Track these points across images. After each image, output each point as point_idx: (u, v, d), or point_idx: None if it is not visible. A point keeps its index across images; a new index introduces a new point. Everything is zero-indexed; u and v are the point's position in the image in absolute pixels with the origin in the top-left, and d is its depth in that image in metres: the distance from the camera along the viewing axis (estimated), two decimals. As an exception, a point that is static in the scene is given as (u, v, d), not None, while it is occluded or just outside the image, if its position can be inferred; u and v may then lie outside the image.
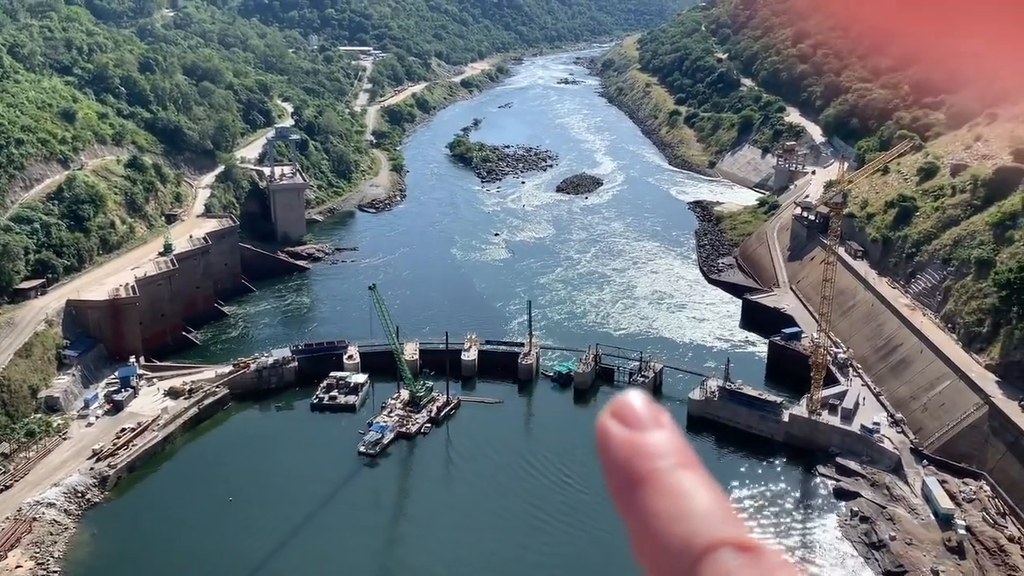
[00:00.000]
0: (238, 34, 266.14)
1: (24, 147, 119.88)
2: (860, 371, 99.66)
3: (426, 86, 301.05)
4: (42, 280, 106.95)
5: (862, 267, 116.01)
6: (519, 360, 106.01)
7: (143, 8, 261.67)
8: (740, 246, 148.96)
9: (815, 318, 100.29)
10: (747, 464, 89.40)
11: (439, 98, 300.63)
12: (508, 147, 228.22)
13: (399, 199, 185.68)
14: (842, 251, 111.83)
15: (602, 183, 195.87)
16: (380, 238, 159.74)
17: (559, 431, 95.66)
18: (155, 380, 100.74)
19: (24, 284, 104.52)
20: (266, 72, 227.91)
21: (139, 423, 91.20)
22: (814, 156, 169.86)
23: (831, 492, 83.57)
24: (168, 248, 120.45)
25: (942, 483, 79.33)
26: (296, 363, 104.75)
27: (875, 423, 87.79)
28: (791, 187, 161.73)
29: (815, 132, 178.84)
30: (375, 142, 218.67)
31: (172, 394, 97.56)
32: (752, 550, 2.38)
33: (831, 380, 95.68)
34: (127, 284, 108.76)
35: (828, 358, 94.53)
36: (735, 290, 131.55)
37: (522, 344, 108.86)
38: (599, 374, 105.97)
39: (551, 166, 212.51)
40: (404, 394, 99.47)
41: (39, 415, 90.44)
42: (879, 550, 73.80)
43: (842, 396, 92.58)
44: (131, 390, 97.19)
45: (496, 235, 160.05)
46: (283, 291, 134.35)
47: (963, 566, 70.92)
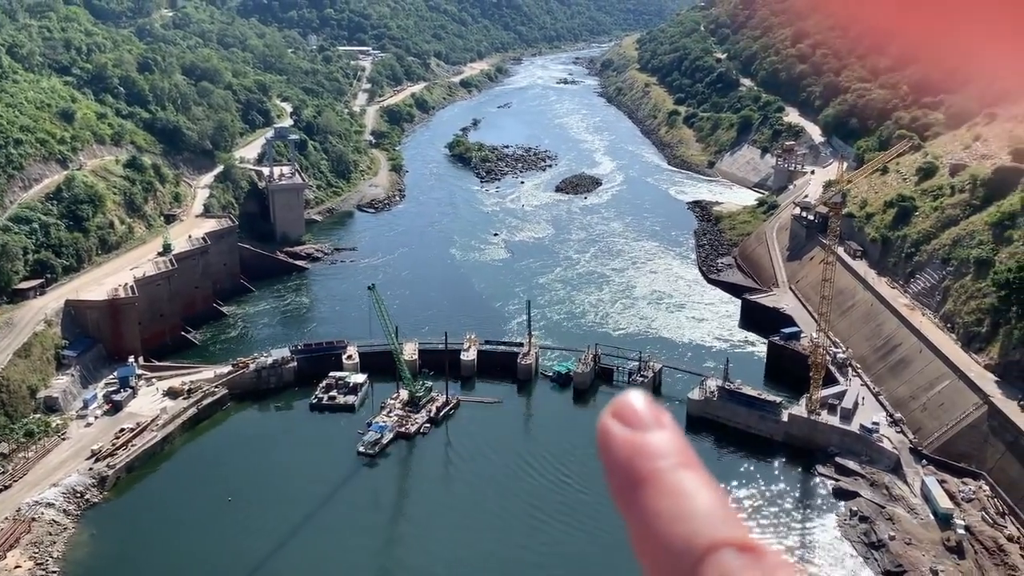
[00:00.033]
0: (237, 34, 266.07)
1: (23, 147, 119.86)
2: (859, 371, 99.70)
3: (425, 86, 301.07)
4: (41, 280, 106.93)
5: (861, 267, 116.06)
6: (518, 360, 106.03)
7: (142, 8, 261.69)
8: (739, 246, 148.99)
9: (814, 318, 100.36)
10: (746, 464, 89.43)
11: (438, 98, 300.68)
12: (507, 147, 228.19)
13: (398, 199, 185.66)
14: (841, 251, 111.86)
15: (601, 183, 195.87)
16: (379, 238, 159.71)
17: (558, 431, 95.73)
18: (154, 380, 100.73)
19: (23, 284, 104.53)
20: (265, 72, 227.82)
21: (138, 423, 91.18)
22: (813, 156, 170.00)
23: (830, 492, 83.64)
24: (167, 248, 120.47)
25: (941, 483, 79.37)
26: (295, 363, 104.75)
27: (874, 423, 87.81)
28: (790, 187, 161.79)
29: (814, 132, 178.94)
30: (374, 142, 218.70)
31: (171, 394, 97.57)
32: (753, 550, 2.38)
33: (830, 380, 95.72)
34: (126, 284, 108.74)
35: (827, 358, 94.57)
36: (734, 290, 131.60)
37: (521, 344, 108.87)
38: (598, 374, 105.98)
39: (550, 166, 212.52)
40: (403, 394, 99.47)
41: (38, 415, 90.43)
42: (878, 550, 73.84)
43: (841, 396, 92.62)
44: (130, 390, 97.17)
45: (495, 235, 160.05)
46: (282, 291, 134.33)
47: (962, 566, 70.95)
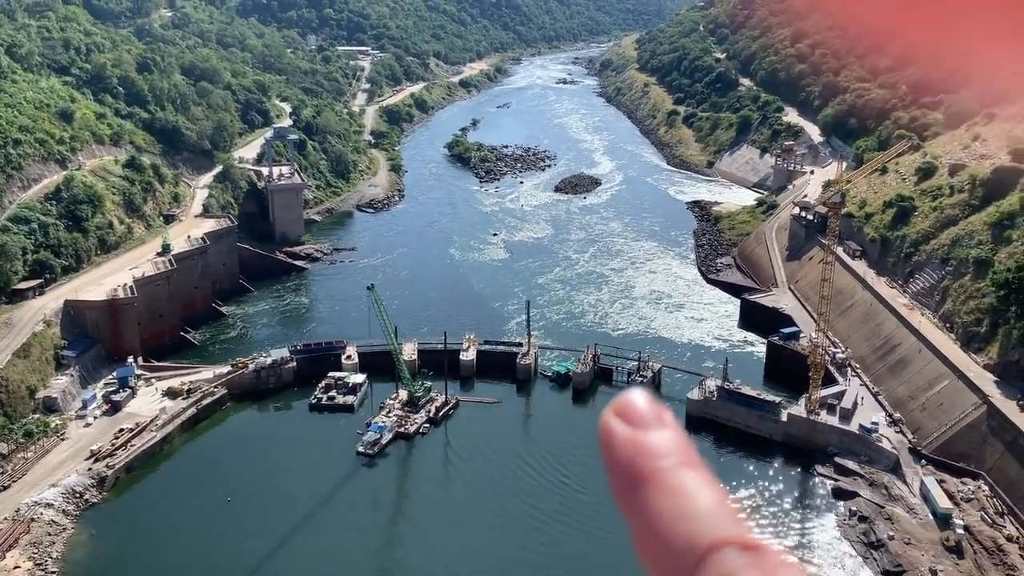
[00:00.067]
0: (236, 34, 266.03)
1: (22, 147, 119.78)
2: (858, 371, 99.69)
3: (424, 86, 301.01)
4: (40, 280, 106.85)
5: (860, 267, 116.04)
6: (517, 360, 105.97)
7: (141, 8, 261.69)
8: (738, 246, 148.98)
9: (813, 318, 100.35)
10: (745, 464, 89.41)
11: (437, 98, 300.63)
12: (506, 147, 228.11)
13: (397, 199, 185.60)
14: (840, 251, 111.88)
15: (600, 183, 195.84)
16: (378, 238, 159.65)
17: (557, 431, 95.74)
18: (153, 380, 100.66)
19: (22, 284, 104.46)
20: (264, 72, 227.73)
21: (137, 423, 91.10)
22: (812, 156, 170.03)
23: (829, 492, 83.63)
24: (166, 248, 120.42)
25: (940, 483, 79.37)
26: (294, 363, 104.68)
27: (873, 423, 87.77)
28: (789, 187, 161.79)
29: (813, 132, 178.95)
30: (373, 142, 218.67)
31: (170, 394, 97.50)
32: (755, 549, 2.38)
33: (829, 380, 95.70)
34: (125, 284, 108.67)
35: (826, 358, 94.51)
36: (733, 290, 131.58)
37: (520, 344, 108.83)
38: (597, 374, 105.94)
39: (549, 166, 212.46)
40: (402, 394, 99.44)
41: (37, 415, 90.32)
42: (878, 550, 73.84)
43: (840, 396, 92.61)
44: (129, 390, 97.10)
45: (494, 235, 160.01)
46: (281, 291, 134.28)
47: (961, 566, 70.96)
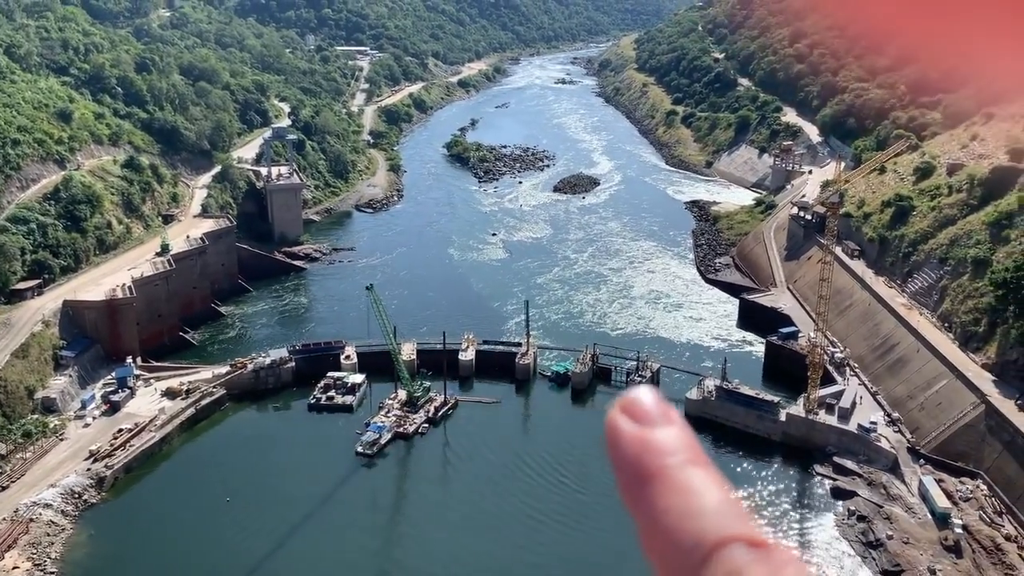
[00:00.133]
0: (235, 34, 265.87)
1: (20, 147, 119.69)
2: (857, 370, 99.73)
3: (423, 86, 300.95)
4: (39, 280, 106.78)
5: (859, 266, 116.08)
6: (516, 360, 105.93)
7: (139, 8, 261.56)
8: (737, 246, 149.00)
9: (812, 317, 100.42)
10: (744, 464, 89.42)
11: (436, 98, 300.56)
12: (505, 147, 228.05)
13: (396, 199, 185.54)
14: (839, 250, 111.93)
15: (599, 183, 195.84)
16: (377, 238, 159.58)
17: (556, 431, 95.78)
18: (152, 381, 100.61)
19: (21, 285, 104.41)
20: (263, 72, 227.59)
21: (136, 424, 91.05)
22: (811, 156, 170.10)
23: (828, 491, 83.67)
24: (165, 248, 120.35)
25: (939, 482, 79.42)
26: (293, 363, 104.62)
27: (872, 422, 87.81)
28: (788, 187, 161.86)
29: (812, 132, 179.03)
30: (372, 142, 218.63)
31: (169, 395, 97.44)
32: (762, 546, 2.38)
33: (828, 379, 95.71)
34: (124, 284, 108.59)
35: (825, 357, 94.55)
36: (732, 290, 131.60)
37: (519, 344, 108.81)
38: (596, 374, 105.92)
39: (548, 166, 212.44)
40: (402, 394, 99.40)
41: (36, 416, 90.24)
42: (876, 549, 73.87)
43: (839, 395, 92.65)
44: (128, 391, 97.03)
45: (493, 235, 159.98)
46: (280, 291, 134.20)
47: (960, 565, 71.01)
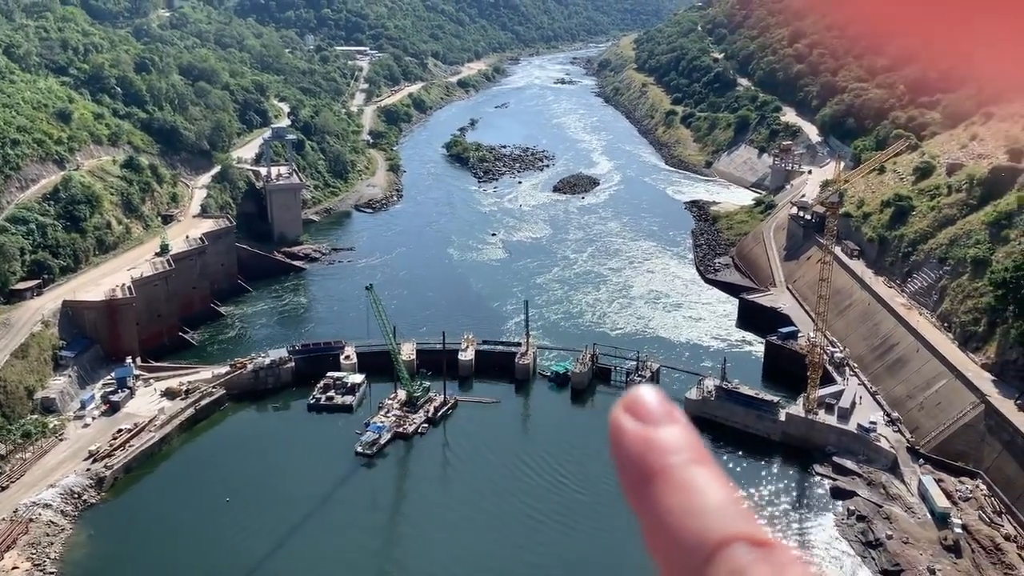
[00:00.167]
0: (234, 34, 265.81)
1: (20, 147, 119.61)
2: (856, 370, 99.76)
3: (423, 86, 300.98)
4: (38, 281, 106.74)
5: (858, 266, 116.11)
6: (516, 360, 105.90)
7: (139, 8, 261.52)
8: (736, 246, 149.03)
9: (811, 317, 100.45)
10: (744, 464, 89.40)
11: (436, 98, 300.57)
12: (505, 147, 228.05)
13: (396, 199, 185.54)
14: (838, 250, 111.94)
15: (599, 183, 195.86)
16: (377, 238, 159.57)
17: (556, 431, 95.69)
18: (151, 381, 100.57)
19: (20, 285, 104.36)
20: (262, 72, 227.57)
21: (136, 424, 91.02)
22: (810, 156, 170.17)
23: (828, 491, 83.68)
24: (164, 248, 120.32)
25: (938, 482, 79.45)
26: (293, 363, 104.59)
27: (871, 422, 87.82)
28: (787, 187, 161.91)
29: (811, 132, 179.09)
30: (372, 142, 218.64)
31: (169, 395, 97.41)
32: (766, 545, 2.38)
33: (827, 379, 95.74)
34: (123, 285, 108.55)
35: (824, 357, 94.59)
36: (732, 290, 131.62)
37: (519, 344, 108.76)
38: (596, 374, 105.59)
39: (548, 166, 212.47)
40: (401, 394, 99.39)
41: (35, 416, 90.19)
42: (876, 549, 73.89)
43: (839, 395, 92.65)
44: (127, 391, 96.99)
45: (493, 235, 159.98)
46: (280, 291, 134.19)
47: (959, 565, 71.03)
